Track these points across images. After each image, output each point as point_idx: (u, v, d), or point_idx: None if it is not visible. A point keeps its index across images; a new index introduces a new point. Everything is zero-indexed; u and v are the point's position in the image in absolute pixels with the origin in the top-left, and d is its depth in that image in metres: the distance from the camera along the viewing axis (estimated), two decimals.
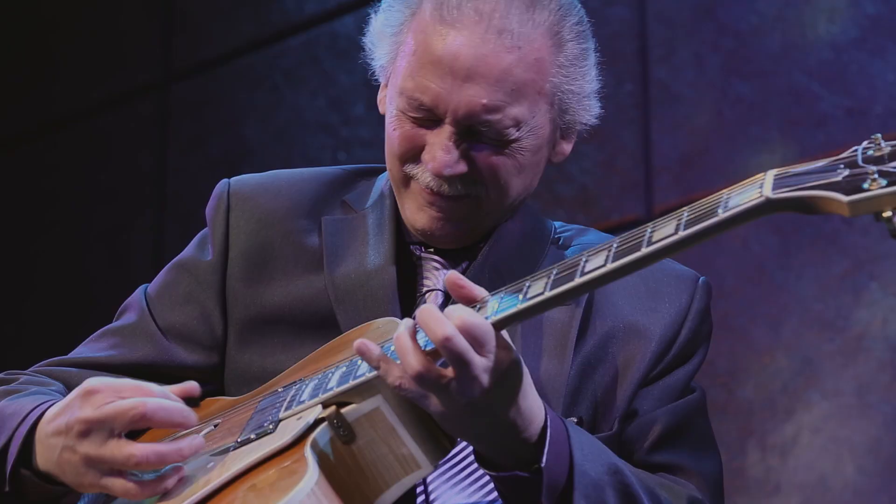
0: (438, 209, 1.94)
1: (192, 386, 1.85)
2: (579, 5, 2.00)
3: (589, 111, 2.00)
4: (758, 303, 3.33)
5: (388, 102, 1.99)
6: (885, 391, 3.17)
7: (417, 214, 1.96)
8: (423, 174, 1.94)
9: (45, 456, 1.79)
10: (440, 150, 1.91)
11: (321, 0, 4.28)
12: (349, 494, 1.71)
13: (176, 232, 1.99)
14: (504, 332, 1.69)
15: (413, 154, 1.94)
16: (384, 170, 2.06)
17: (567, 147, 2.02)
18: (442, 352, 1.64)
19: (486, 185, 1.95)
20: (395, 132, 1.96)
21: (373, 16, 2.03)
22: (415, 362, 1.64)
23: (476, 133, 1.92)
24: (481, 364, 1.64)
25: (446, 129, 1.91)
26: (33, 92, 4.81)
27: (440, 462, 1.75)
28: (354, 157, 3.90)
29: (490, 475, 1.77)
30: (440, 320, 1.63)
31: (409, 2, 1.99)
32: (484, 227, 1.99)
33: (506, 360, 1.68)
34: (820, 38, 3.38)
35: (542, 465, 1.71)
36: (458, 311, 1.65)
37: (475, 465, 1.83)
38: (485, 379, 1.66)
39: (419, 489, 1.84)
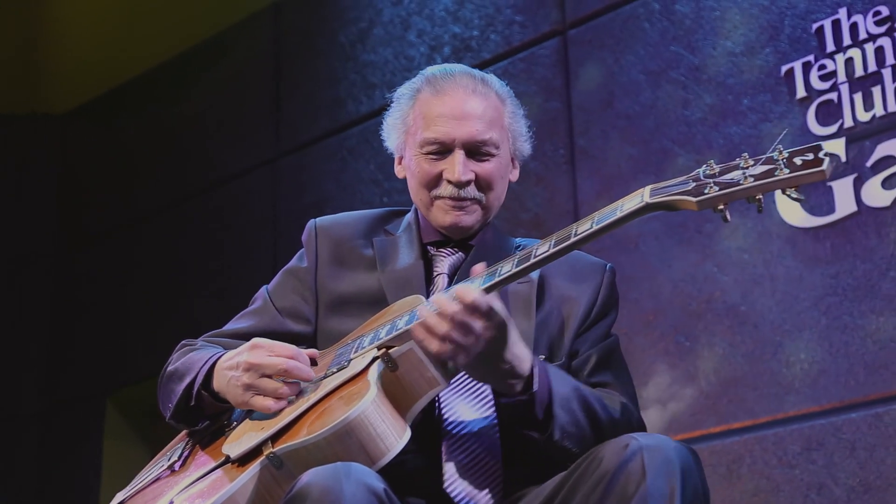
0: (459, 209, 1.98)
1: (314, 352, 1.88)
2: (506, 84, 2.07)
3: (526, 146, 2.07)
4: (644, 282, 3.36)
5: (410, 159, 2.02)
6: (725, 343, 3.19)
7: (445, 217, 1.99)
8: (444, 189, 1.97)
9: (219, 381, 1.87)
10: (458, 165, 1.95)
11: (370, 104, 4.18)
12: (396, 403, 1.74)
13: (285, 255, 2.14)
14: (497, 302, 1.71)
15: (434, 181, 1.98)
16: (408, 210, 2.11)
17: (516, 172, 2.07)
18: (452, 321, 1.69)
19: (484, 190, 1.98)
20: (420, 171, 1.99)
21: (385, 117, 2.11)
22: (443, 330, 1.69)
23: (474, 153, 1.97)
24: (479, 325, 1.70)
25: (457, 153, 1.96)
26: (182, 168, 4.82)
27: (451, 381, 1.79)
28: (392, 199, 3.95)
29: (503, 402, 1.79)
30: (446, 303, 1.69)
31: (408, 99, 2.05)
32: (483, 222, 2.01)
33: (497, 320, 1.71)
34: (678, 119, 3.38)
35: (535, 389, 1.76)
36: (463, 290, 1.70)
37: (471, 383, 1.88)
38: (487, 334, 1.70)
39: (436, 400, 1.85)
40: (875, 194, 3.06)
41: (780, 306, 3.14)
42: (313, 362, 1.87)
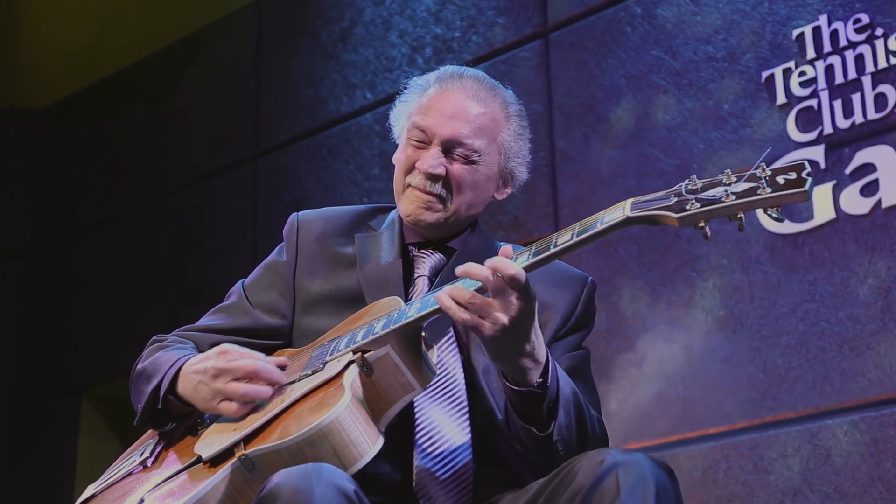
0: (423, 202, 1.96)
1: (282, 360, 1.86)
2: (521, 105, 2.05)
3: (523, 169, 2.04)
4: (623, 287, 3.36)
5: (400, 143, 2.03)
6: (703, 334, 3.18)
7: (409, 206, 1.97)
8: (415, 178, 1.97)
9: (185, 385, 1.85)
10: (430, 157, 1.94)
11: (351, 104, 4.16)
12: (371, 408, 1.73)
13: (265, 253, 2.09)
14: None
15: (410, 167, 1.97)
16: (393, 207, 2.08)
17: (507, 191, 2.04)
18: (488, 285, 1.66)
19: (452, 190, 1.96)
20: (403, 156, 2.00)
21: (395, 104, 2.08)
22: (468, 296, 1.67)
23: (451, 152, 1.95)
24: (514, 297, 1.67)
25: (434, 147, 1.95)
26: (162, 165, 4.81)
27: (426, 387, 1.77)
28: (372, 200, 3.94)
29: (514, 389, 1.74)
30: (482, 270, 1.67)
31: (418, 89, 2.04)
32: (447, 224, 1.99)
33: (531, 294, 1.68)
34: (658, 123, 3.39)
35: (549, 383, 1.74)
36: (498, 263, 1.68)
37: (445, 389, 1.87)
38: (518, 306, 1.66)
39: (410, 405, 1.84)
40: (854, 201, 3.06)
41: (757, 312, 3.14)
42: (281, 369, 1.86)
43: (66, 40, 5.09)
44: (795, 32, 3.23)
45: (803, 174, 1.53)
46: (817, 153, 3.10)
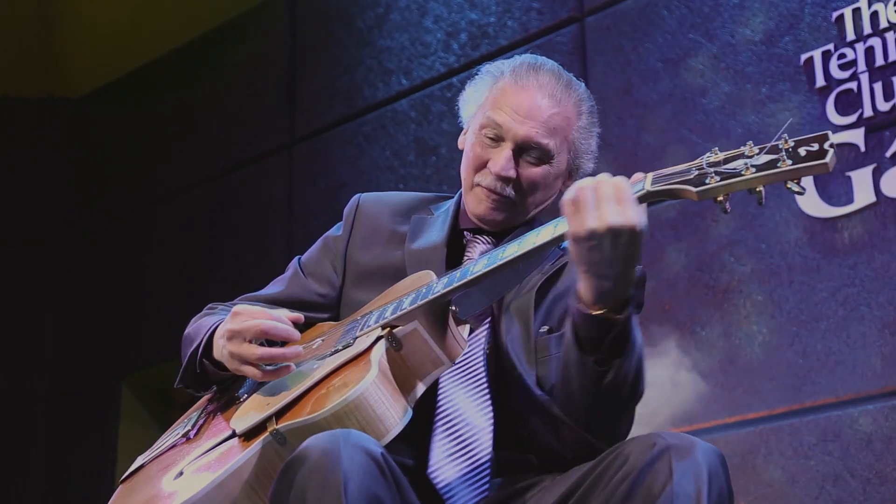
0: (492, 202, 1.98)
1: (298, 316, 1.90)
2: (593, 101, 2.04)
3: (589, 164, 2.04)
4: (661, 271, 3.34)
5: (471, 135, 2.02)
6: (736, 324, 3.19)
7: (478, 206, 1.99)
8: (485, 178, 1.97)
9: (216, 351, 1.90)
10: (503, 159, 1.95)
11: (386, 90, 4.19)
12: (399, 383, 1.74)
13: (300, 240, 2.09)
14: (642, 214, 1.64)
15: (481, 165, 1.99)
16: (452, 196, 2.11)
17: (571, 184, 1.88)
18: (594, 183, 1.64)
19: (522, 192, 1.97)
20: (472, 151, 2.00)
21: (465, 88, 2.08)
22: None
23: (524, 153, 1.96)
24: (611, 208, 1.63)
25: (507, 147, 1.95)
26: (198, 153, 4.81)
27: (456, 361, 1.77)
28: (408, 186, 3.94)
29: (582, 312, 1.70)
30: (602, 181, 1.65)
31: (492, 77, 2.04)
32: (514, 221, 2.00)
33: (631, 219, 1.62)
34: (696, 107, 3.38)
35: (620, 317, 1.69)
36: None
37: (470, 370, 1.89)
38: (608, 215, 1.62)
39: (433, 385, 1.84)
40: (894, 184, 3.05)
41: (797, 296, 3.13)
42: (301, 328, 1.89)
43: (102, 29, 5.13)
44: (835, 14, 3.21)
45: (825, 145, 1.52)
46: (857, 136, 3.09)
